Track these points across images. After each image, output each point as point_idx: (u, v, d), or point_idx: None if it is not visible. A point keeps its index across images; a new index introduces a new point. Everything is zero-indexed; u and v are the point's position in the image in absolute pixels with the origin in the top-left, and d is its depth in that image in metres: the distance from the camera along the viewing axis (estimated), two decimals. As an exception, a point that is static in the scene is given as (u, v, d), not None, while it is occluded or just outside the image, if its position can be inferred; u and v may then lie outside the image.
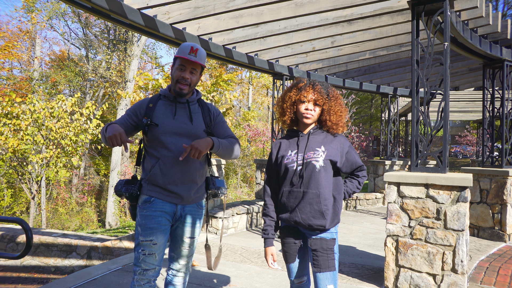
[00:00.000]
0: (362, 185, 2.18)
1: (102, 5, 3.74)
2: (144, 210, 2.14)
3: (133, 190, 2.16)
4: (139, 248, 2.12)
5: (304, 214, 1.98)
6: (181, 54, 2.13)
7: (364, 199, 8.99)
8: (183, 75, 2.14)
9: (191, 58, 2.11)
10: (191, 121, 2.20)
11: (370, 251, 5.00)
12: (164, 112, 2.18)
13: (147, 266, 2.12)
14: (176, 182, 2.14)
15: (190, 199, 2.21)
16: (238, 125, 20.75)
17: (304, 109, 2.04)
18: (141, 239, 2.12)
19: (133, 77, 16.60)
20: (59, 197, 18.19)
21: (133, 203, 2.21)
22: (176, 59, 2.18)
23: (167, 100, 2.22)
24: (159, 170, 2.13)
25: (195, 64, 2.16)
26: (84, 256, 6.81)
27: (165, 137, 2.12)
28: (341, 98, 2.14)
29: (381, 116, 9.85)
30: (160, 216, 2.13)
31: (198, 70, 2.20)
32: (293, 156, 2.04)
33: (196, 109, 2.25)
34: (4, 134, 10.50)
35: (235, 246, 5.19)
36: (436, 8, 3.60)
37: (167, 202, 2.16)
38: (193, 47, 2.12)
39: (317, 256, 1.99)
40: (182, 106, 2.21)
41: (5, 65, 21.21)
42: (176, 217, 2.20)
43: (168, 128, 2.14)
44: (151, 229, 2.11)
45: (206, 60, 2.24)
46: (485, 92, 5.89)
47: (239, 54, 5.83)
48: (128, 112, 2.25)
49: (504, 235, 5.32)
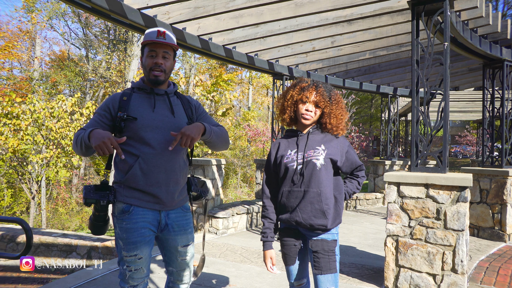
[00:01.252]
0: (361, 185, 2.17)
1: (102, 5, 3.74)
2: (123, 222, 1.89)
3: (110, 197, 1.87)
4: (123, 264, 1.92)
5: (305, 213, 1.96)
6: (149, 38, 1.94)
7: (364, 199, 8.99)
8: (156, 61, 1.95)
9: (160, 40, 1.93)
10: (173, 113, 2.00)
11: (370, 251, 5.00)
12: (141, 104, 1.96)
13: (135, 281, 1.94)
14: (159, 183, 1.92)
15: (174, 202, 2.00)
16: (238, 125, 20.74)
17: (304, 109, 2.02)
18: (125, 254, 1.90)
19: (133, 77, 16.57)
20: (59, 197, 18.19)
21: (101, 213, 1.89)
22: (144, 47, 1.99)
23: (143, 93, 2.00)
24: (139, 169, 1.89)
25: (166, 47, 1.96)
26: (84, 256, 6.81)
27: (146, 132, 1.90)
28: (343, 101, 2.13)
29: (381, 116, 9.85)
30: (142, 228, 1.90)
31: (171, 54, 2.01)
32: (293, 155, 2.02)
33: (175, 101, 2.07)
34: (4, 134, 10.51)
35: (235, 246, 5.19)
36: (436, 8, 3.60)
37: (149, 210, 1.93)
38: (159, 30, 1.95)
39: (318, 258, 1.96)
40: (161, 98, 2.01)
41: (5, 65, 21.22)
42: (161, 226, 1.98)
43: (148, 122, 1.92)
44: (134, 243, 1.88)
45: (176, 42, 2.06)
46: (485, 92, 5.89)
47: (239, 54, 5.83)
48: (99, 111, 1.99)
49: (504, 235, 5.32)
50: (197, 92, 12.62)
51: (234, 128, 20.03)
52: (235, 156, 20.48)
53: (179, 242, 2.04)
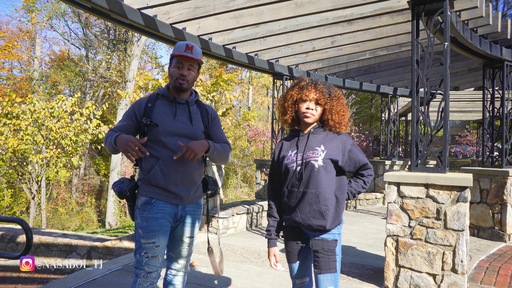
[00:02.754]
0: (368, 184, 2.14)
1: (102, 5, 3.74)
2: (144, 212, 2.12)
3: (123, 188, 2.13)
4: (141, 251, 2.10)
5: (303, 214, 1.98)
6: (177, 52, 2.16)
7: (364, 199, 8.99)
8: (181, 72, 2.16)
9: (187, 55, 2.14)
10: (191, 121, 2.21)
11: (370, 251, 5.00)
12: (163, 112, 2.18)
13: (150, 268, 2.11)
14: (176, 183, 2.14)
15: (190, 199, 2.22)
16: (238, 125, 20.74)
17: (305, 108, 2.03)
18: (143, 241, 2.10)
19: (133, 77, 16.60)
20: (59, 197, 18.19)
21: (130, 203, 2.19)
22: (172, 58, 2.20)
23: (166, 100, 2.22)
24: (159, 170, 2.12)
25: (192, 61, 2.18)
26: (84, 256, 6.81)
27: (165, 138, 2.12)
28: (344, 98, 2.12)
29: (381, 116, 9.85)
30: (161, 218, 2.12)
31: (196, 67, 2.22)
32: (293, 156, 2.04)
33: (195, 110, 2.27)
34: (4, 134, 10.50)
35: (235, 246, 5.19)
36: (436, 8, 3.60)
37: (168, 203, 2.15)
38: (188, 44, 2.16)
39: (318, 257, 1.97)
40: (182, 107, 2.22)
41: (5, 65, 21.22)
42: (177, 218, 2.20)
43: (169, 128, 2.14)
44: (153, 231, 2.10)
45: (202, 57, 2.27)
46: (485, 92, 5.89)
47: (239, 54, 5.83)
48: (127, 114, 2.23)
49: (504, 235, 5.32)
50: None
51: (234, 128, 20.03)
52: (235, 156, 20.48)
53: (185, 233, 2.25)
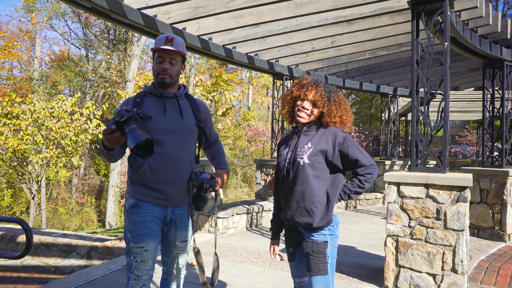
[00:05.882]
0: (365, 184, 1.98)
1: (102, 5, 3.74)
2: (132, 215, 2.05)
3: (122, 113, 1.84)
4: (130, 255, 2.06)
5: (292, 211, 2.01)
6: (157, 45, 2.07)
7: (364, 199, 8.99)
8: (163, 66, 2.07)
9: (168, 47, 2.04)
10: (182, 115, 2.12)
11: (370, 251, 5.00)
12: (153, 108, 2.09)
13: (141, 272, 2.07)
14: (167, 181, 2.05)
15: (180, 200, 2.12)
16: (238, 125, 20.74)
17: (300, 106, 2.05)
18: (132, 246, 2.04)
19: (133, 77, 16.59)
20: (59, 197, 18.19)
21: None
22: (154, 53, 2.12)
23: (154, 97, 2.13)
24: (148, 168, 2.02)
25: (173, 53, 2.08)
26: (84, 256, 6.81)
27: (157, 134, 2.03)
28: (346, 103, 2.09)
29: (381, 116, 9.85)
30: (150, 222, 2.05)
31: (178, 59, 2.11)
32: (285, 154, 2.10)
33: (185, 104, 2.18)
34: (4, 134, 10.50)
35: (235, 246, 5.19)
36: (436, 8, 3.60)
37: (156, 206, 2.06)
38: (168, 37, 2.06)
39: (309, 259, 1.97)
40: (171, 101, 2.13)
41: (5, 65, 21.24)
42: (166, 221, 2.12)
43: (160, 125, 2.05)
44: (141, 236, 2.03)
45: (185, 48, 2.16)
46: (485, 92, 5.89)
47: (239, 54, 5.83)
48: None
49: (504, 235, 5.32)
50: (197, 92, 12.61)
51: (234, 128, 20.03)
52: (235, 156, 20.48)
53: (178, 237, 2.17)
